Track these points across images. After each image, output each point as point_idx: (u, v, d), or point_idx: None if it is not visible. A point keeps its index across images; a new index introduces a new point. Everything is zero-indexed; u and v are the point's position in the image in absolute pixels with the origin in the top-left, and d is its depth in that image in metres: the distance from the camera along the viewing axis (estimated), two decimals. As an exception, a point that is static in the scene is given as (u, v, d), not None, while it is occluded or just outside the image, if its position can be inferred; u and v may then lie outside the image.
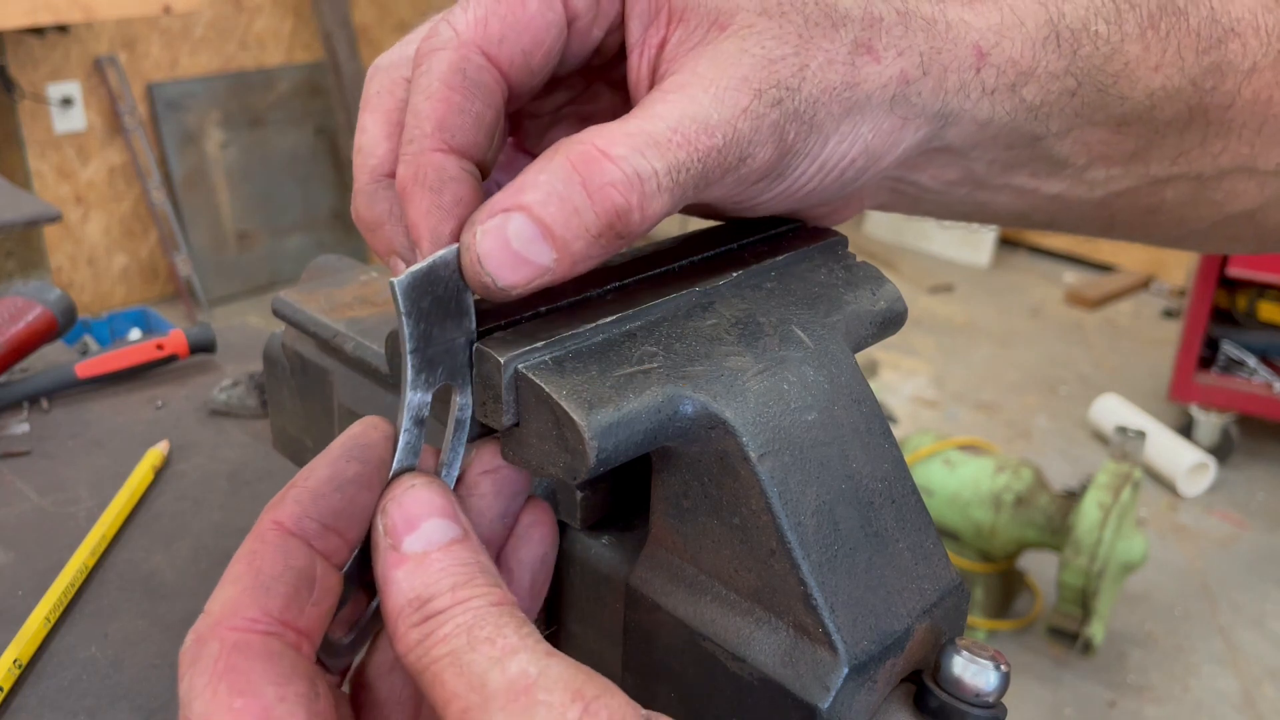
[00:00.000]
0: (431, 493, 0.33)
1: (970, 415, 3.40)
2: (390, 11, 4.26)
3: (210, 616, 0.31)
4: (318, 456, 0.34)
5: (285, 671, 0.30)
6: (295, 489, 0.33)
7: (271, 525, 0.32)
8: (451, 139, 0.35)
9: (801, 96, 0.35)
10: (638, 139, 0.33)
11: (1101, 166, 0.45)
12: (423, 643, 0.30)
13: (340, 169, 4.21)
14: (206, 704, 0.29)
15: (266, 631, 0.30)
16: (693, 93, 0.34)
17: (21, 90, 3.33)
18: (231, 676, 0.29)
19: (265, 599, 0.31)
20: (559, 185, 0.32)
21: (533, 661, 0.29)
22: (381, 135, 0.39)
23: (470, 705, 0.28)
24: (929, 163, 0.42)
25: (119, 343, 0.96)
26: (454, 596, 0.31)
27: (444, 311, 0.33)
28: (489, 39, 0.36)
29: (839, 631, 0.33)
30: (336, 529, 0.33)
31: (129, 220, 3.81)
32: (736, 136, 0.34)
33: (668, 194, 0.33)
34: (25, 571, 0.70)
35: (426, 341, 0.33)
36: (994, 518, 2.37)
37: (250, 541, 0.32)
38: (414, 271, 0.32)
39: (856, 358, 0.39)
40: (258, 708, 0.28)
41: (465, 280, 0.33)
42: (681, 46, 0.36)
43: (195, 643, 0.30)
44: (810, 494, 0.35)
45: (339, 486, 0.33)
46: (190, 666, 0.30)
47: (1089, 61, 0.41)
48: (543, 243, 0.32)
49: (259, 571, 0.31)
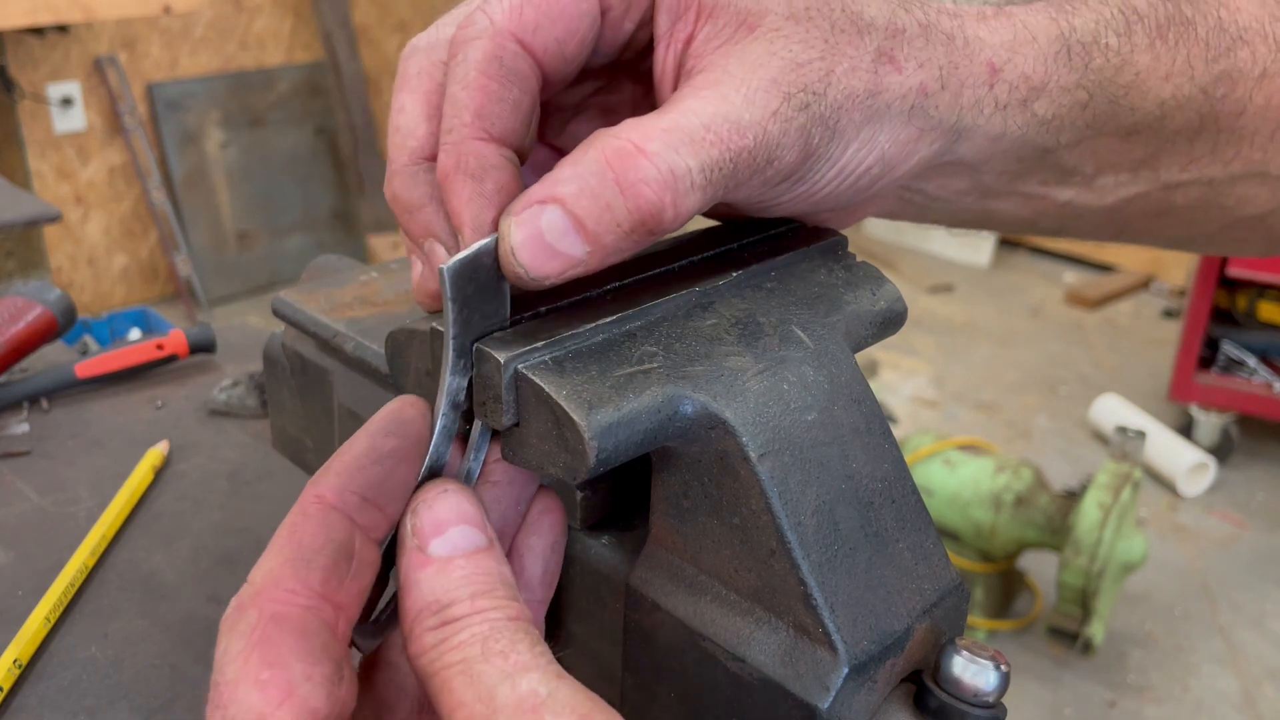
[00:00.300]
0: (462, 499, 0.34)
1: (970, 415, 3.40)
2: (390, 11, 4.26)
3: (252, 586, 0.31)
4: (356, 433, 0.34)
5: (316, 650, 0.30)
6: (335, 462, 0.34)
7: (314, 499, 0.33)
8: (491, 127, 0.36)
9: (827, 101, 0.36)
10: (673, 136, 0.33)
11: (1111, 174, 0.45)
12: (437, 647, 0.30)
13: (340, 169, 4.21)
14: (237, 670, 0.29)
15: (305, 605, 0.31)
16: (725, 91, 0.34)
17: (21, 90, 3.33)
18: (264, 647, 0.30)
19: (306, 572, 0.31)
20: (593, 180, 0.32)
21: (543, 682, 0.29)
22: (421, 117, 0.39)
23: (476, 716, 0.29)
24: (938, 173, 0.42)
25: (119, 343, 0.96)
26: (472, 605, 0.31)
27: (484, 298, 0.34)
28: (524, 27, 0.36)
29: (839, 631, 0.33)
30: (376, 503, 0.34)
31: (129, 220, 3.81)
32: (766, 138, 0.34)
33: (700, 192, 0.34)
34: (25, 571, 0.70)
35: (467, 327, 0.34)
36: (994, 518, 2.37)
37: (293, 515, 0.33)
38: (461, 258, 0.33)
39: (856, 358, 0.39)
40: (284, 682, 0.29)
41: (500, 269, 0.34)
42: (709, 44, 0.36)
43: (235, 610, 0.31)
44: (810, 494, 0.35)
45: (378, 460, 0.34)
46: (228, 632, 0.30)
47: (1100, 74, 0.41)
48: (575, 235, 0.33)
49: (300, 544, 0.32)
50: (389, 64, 4.29)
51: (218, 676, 0.30)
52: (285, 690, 0.29)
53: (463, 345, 0.34)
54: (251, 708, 0.29)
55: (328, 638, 0.31)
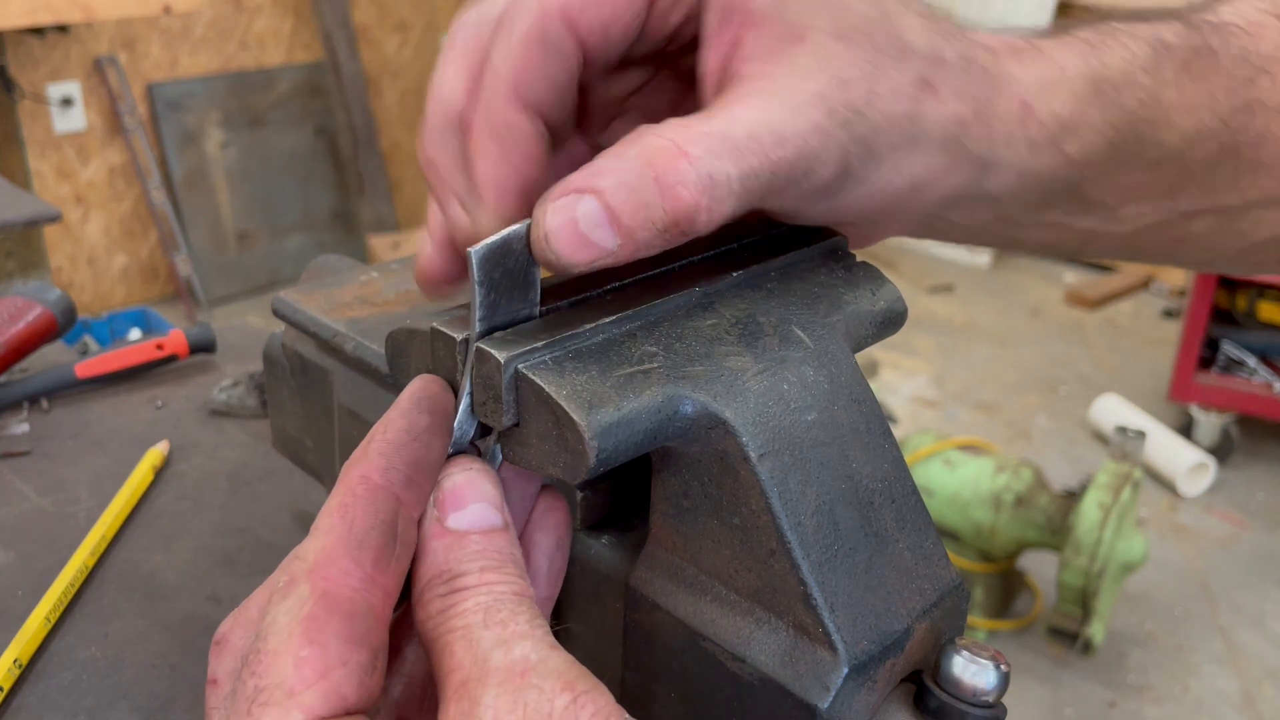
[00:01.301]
0: (485, 479, 0.35)
1: (970, 415, 3.40)
2: (390, 11, 4.26)
3: (305, 561, 0.32)
4: (387, 413, 0.35)
5: (357, 636, 0.31)
6: (376, 443, 0.34)
7: (360, 479, 0.33)
8: (527, 97, 0.37)
9: (867, 121, 0.36)
10: (716, 142, 0.34)
11: (1133, 204, 0.45)
12: (444, 613, 0.32)
13: (340, 169, 4.21)
14: (280, 641, 0.30)
15: (356, 587, 0.31)
16: (770, 101, 0.35)
17: (21, 90, 3.33)
18: (310, 624, 0.30)
19: (359, 552, 0.32)
20: (633, 175, 0.33)
21: (535, 650, 0.30)
22: (461, 82, 0.39)
23: (470, 678, 0.30)
24: (964, 203, 0.43)
25: (119, 343, 0.96)
26: (480, 578, 0.32)
27: (512, 283, 0.34)
28: (571, 5, 0.37)
29: (839, 631, 0.33)
30: (417, 480, 0.34)
31: (129, 220, 3.81)
32: (806, 151, 0.35)
33: (736, 199, 0.34)
34: (25, 571, 0.70)
35: (494, 311, 0.34)
36: (994, 518, 2.37)
37: (340, 495, 0.33)
38: (489, 243, 0.33)
39: (857, 358, 0.39)
40: (320, 663, 0.30)
41: (532, 254, 0.34)
42: (755, 50, 0.37)
43: (288, 583, 0.31)
44: (810, 494, 0.35)
45: (416, 436, 0.34)
46: (279, 602, 0.31)
47: (1130, 112, 0.42)
48: (609, 228, 0.33)
49: (353, 524, 0.32)
50: (389, 64, 4.29)
51: (260, 644, 0.30)
52: (320, 671, 0.30)
53: (488, 330, 0.34)
54: (284, 681, 0.29)
55: (372, 623, 0.31)
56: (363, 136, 4.15)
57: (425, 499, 0.35)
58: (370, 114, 4.17)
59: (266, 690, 0.29)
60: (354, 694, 0.30)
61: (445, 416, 0.35)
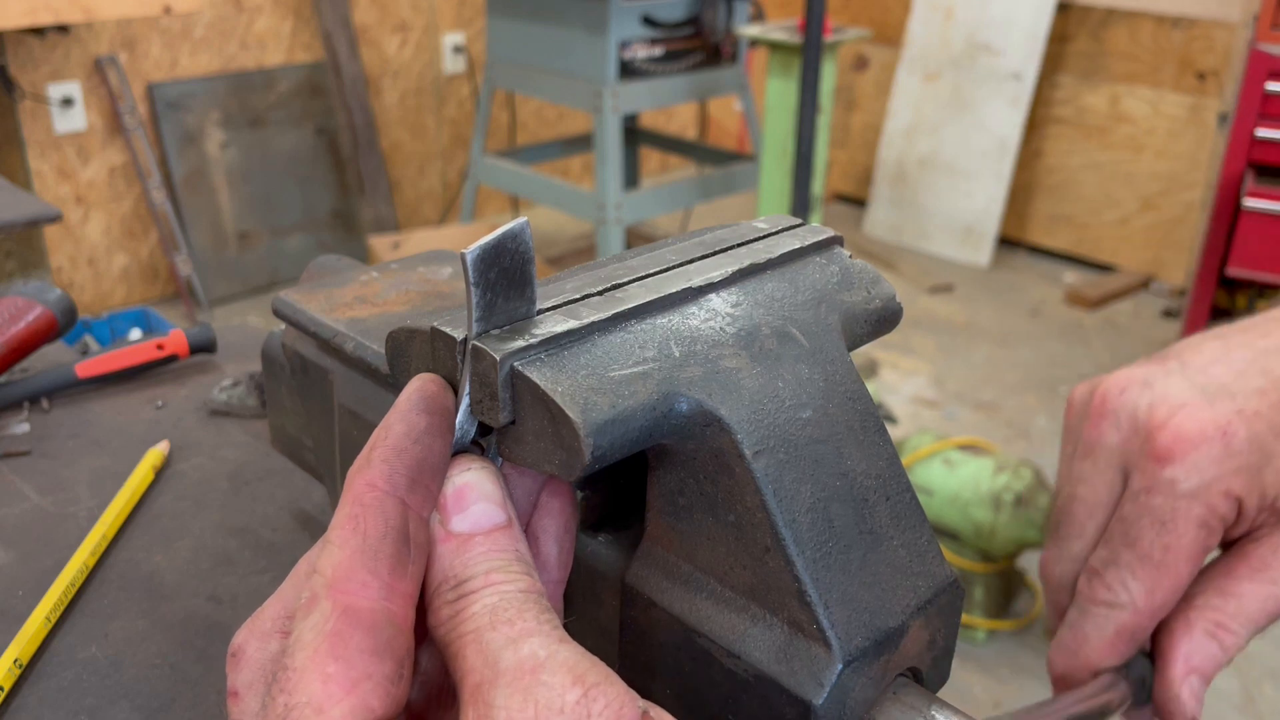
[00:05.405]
0: (484, 478, 0.35)
1: (970, 415, 3.40)
2: (390, 11, 4.26)
3: (323, 577, 0.32)
4: (387, 416, 0.35)
5: (380, 648, 0.31)
6: (378, 449, 0.34)
7: (366, 487, 0.33)
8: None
9: None
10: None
11: None
12: (453, 619, 0.32)
13: (340, 169, 4.21)
14: (307, 658, 0.31)
15: (376, 599, 0.32)
16: None
17: (22, 90, 3.33)
18: (334, 640, 0.31)
19: (374, 562, 0.32)
20: None
21: (544, 645, 0.30)
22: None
23: (483, 680, 0.30)
24: None
25: (119, 343, 0.96)
26: (486, 580, 0.32)
27: (509, 284, 0.34)
28: None
29: (833, 628, 0.34)
30: (422, 481, 0.34)
31: (129, 220, 3.81)
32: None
33: None
34: (25, 571, 0.70)
35: (490, 312, 0.34)
36: (994, 518, 2.37)
37: (348, 505, 0.33)
38: (483, 244, 0.33)
39: (854, 356, 0.39)
40: (347, 680, 0.30)
41: (526, 256, 0.34)
42: None
43: (309, 599, 0.32)
44: (805, 491, 0.35)
45: (417, 439, 0.34)
46: (303, 619, 0.31)
47: None
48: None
49: (365, 535, 0.32)
50: (389, 64, 4.29)
51: (287, 660, 0.31)
52: (347, 687, 0.30)
53: (486, 331, 0.34)
54: (313, 699, 0.30)
55: (393, 632, 0.32)
56: (363, 136, 4.15)
57: (433, 499, 0.35)
58: (370, 114, 4.17)
59: (297, 708, 0.30)
60: (381, 705, 0.31)
61: (445, 415, 0.35)
